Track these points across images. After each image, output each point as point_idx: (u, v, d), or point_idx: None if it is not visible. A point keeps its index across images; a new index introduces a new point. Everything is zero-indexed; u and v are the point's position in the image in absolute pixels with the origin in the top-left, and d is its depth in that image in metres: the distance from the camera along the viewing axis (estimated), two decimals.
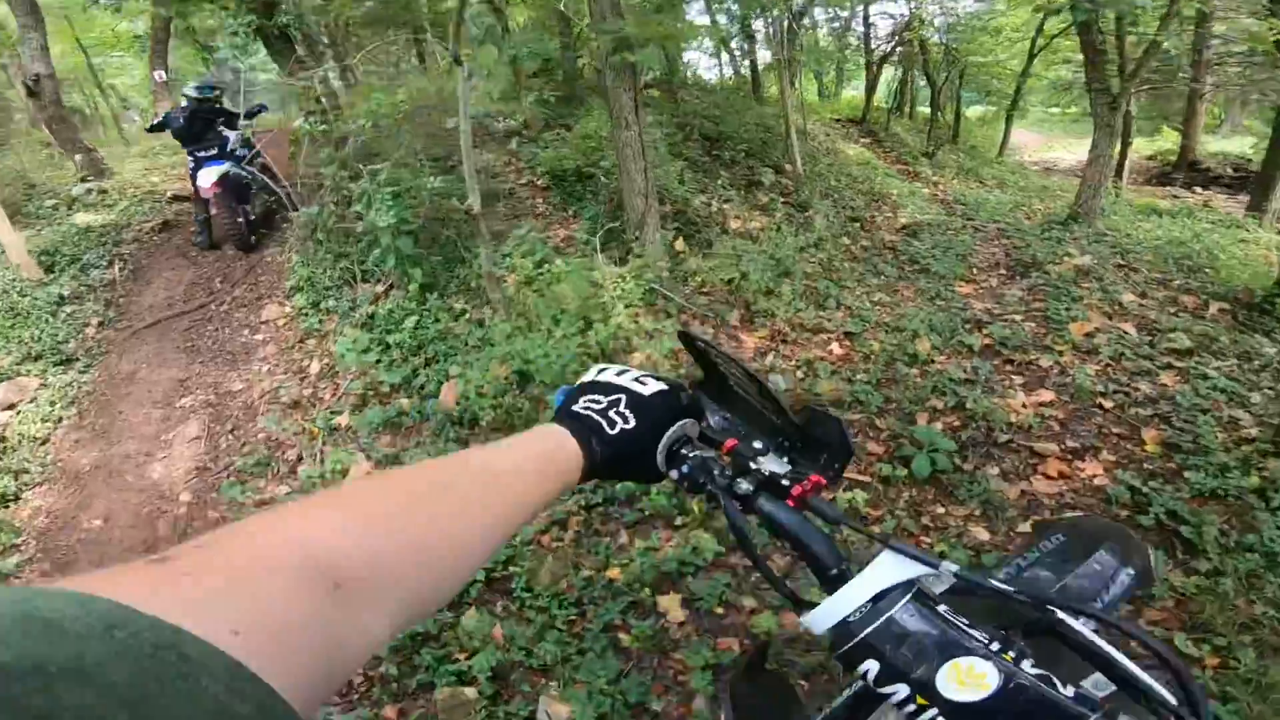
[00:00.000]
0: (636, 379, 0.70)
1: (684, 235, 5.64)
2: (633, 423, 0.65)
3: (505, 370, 3.55)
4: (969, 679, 0.49)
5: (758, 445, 0.71)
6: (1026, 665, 0.50)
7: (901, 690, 0.52)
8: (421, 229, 4.40)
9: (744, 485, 0.64)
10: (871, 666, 0.53)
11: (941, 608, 0.54)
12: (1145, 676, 0.53)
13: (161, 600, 0.27)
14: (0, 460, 3.76)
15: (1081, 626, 0.58)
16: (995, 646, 0.51)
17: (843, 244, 5.88)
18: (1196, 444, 2.95)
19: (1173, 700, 0.50)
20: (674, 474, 0.68)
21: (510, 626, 2.34)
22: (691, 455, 0.68)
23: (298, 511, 0.42)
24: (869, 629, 0.53)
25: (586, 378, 0.72)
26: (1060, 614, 0.58)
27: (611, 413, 0.66)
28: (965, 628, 0.53)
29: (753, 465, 0.67)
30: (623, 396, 0.67)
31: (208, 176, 5.25)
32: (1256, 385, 3.43)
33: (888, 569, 0.55)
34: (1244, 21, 9.86)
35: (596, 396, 0.68)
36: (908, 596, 0.54)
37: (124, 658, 0.23)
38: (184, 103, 5.57)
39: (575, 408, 0.67)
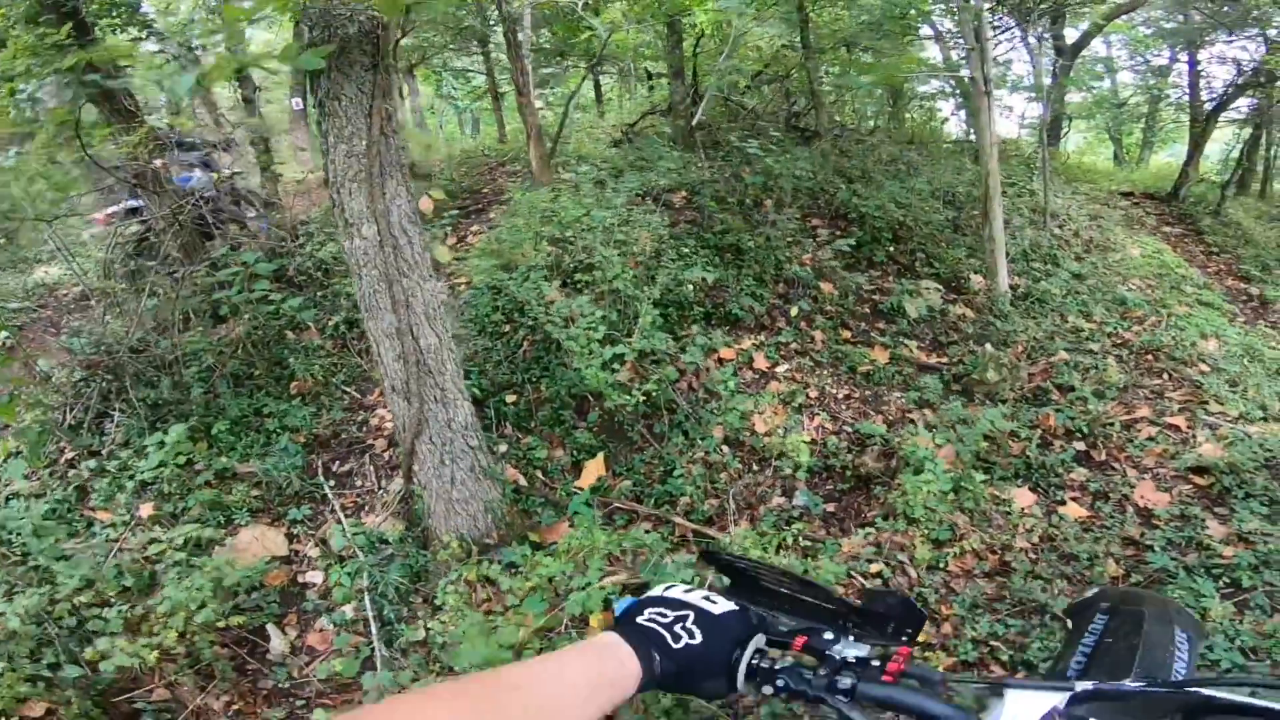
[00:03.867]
0: (705, 597, 0.73)
1: (609, 453, 2.82)
2: (699, 638, 0.68)
3: None
4: None
5: (828, 636, 0.72)
6: None
7: None
8: None
9: (844, 681, 0.66)
10: None
11: None
12: None
13: None
14: None
15: (1225, 693, 0.57)
16: None
17: (996, 534, 2.55)
18: None
19: None
20: (767, 689, 0.68)
21: None
22: (780, 668, 0.69)
23: None
24: None
25: (654, 592, 0.74)
26: (1206, 691, 0.59)
27: (677, 627, 0.68)
28: None
29: (828, 654, 0.70)
30: (691, 613, 0.70)
31: None
32: None
33: (1023, 706, 0.57)
34: None
35: (663, 610, 0.70)
36: None
37: None
38: None
39: (639, 619, 0.69)
